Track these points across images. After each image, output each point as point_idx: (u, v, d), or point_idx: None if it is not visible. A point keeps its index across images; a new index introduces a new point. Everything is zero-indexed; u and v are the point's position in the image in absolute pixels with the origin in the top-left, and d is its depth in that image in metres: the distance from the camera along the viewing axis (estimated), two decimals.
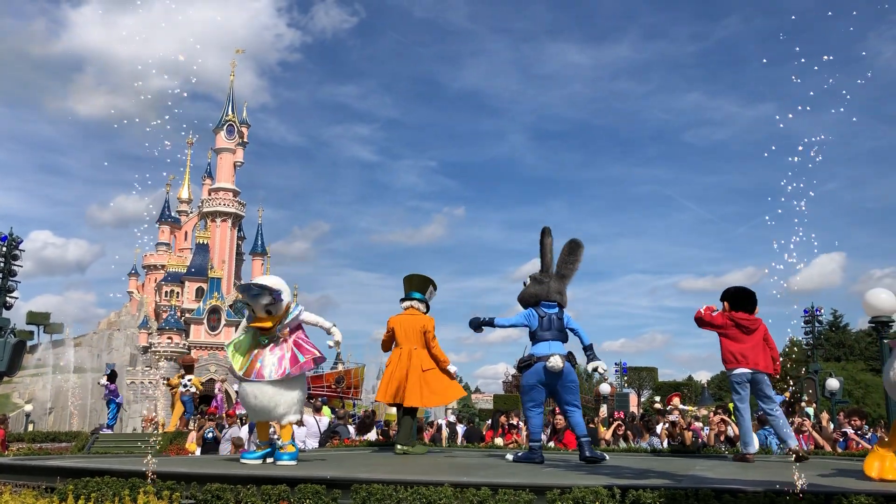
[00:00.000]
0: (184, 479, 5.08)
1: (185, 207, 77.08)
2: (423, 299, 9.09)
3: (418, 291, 9.10)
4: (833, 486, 4.56)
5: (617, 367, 46.36)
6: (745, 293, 7.88)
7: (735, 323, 7.65)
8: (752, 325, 7.68)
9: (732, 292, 7.88)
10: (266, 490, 4.66)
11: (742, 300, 7.80)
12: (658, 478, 5.31)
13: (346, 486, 4.70)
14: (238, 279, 71.94)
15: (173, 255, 72.62)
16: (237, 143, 70.88)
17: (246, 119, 73.17)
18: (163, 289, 69.46)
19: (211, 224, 69.45)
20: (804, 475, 4.05)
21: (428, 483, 4.49)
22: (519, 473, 5.80)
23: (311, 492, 4.59)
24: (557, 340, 7.38)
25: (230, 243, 70.57)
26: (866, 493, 4.04)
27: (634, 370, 62.89)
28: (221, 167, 70.42)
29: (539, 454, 7.31)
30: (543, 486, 4.46)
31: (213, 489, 4.77)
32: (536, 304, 7.52)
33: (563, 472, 6.17)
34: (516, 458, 7.46)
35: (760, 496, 4.05)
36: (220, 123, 70.46)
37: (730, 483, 4.71)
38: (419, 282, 9.19)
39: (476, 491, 4.34)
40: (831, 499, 4.02)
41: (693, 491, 4.16)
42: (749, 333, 7.64)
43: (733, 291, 7.89)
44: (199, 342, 64.66)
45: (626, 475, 5.53)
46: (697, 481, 4.91)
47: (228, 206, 69.70)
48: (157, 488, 4.82)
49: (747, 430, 7.85)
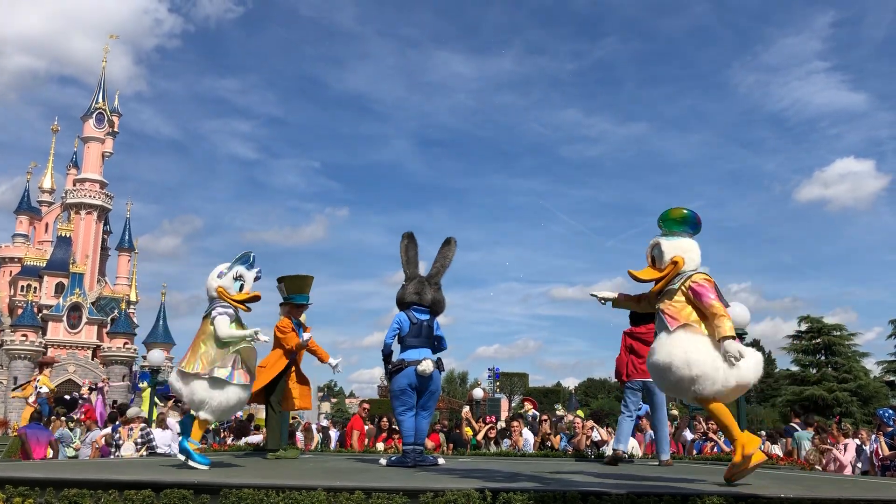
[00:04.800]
0: (38, 485, 4.80)
1: (48, 197, 72.69)
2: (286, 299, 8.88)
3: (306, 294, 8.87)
4: (690, 488, 4.83)
5: (490, 372, 47.26)
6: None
7: (634, 336, 8.32)
8: (648, 338, 8.18)
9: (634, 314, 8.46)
10: (129, 495, 4.47)
11: (639, 315, 8.22)
12: (528, 481, 5.44)
13: (214, 491, 4.58)
14: (102, 275, 68.63)
15: (32, 247, 68.35)
16: (107, 132, 67.58)
17: (117, 108, 69.90)
18: (18, 283, 65.23)
19: (75, 216, 65.85)
20: (664, 478, 4.27)
21: (300, 487, 4.44)
22: (392, 478, 5.81)
23: (178, 497, 4.44)
24: (427, 347, 7.47)
25: (95, 237, 67.14)
26: (718, 494, 4.30)
27: (506, 376, 64.28)
28: (88, 157, 66.96)
29: (412, 458, 7.36)
30: (416, 489, 4.50)
31: (71, 495, 4.53)
32: (408, 308, 7.55)
33: (435, 475, 6.22)
34: (390, 462, 7.48)
35: (623, 498, 4.23)
36: (88, 111, 66.97)
37: (595, 486, 4.90)
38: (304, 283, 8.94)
39: (349, 495, 4.32)
40: (687, 499, 4.25)
41: (561, 493, 4.31)
42: (648, 345, 8.13)
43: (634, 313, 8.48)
44: (58, 340, 61.08)
45: (497, 478, 5.64)
46: (565, 484, 5.07)
47: (94, 198, 66.29)
48: (7, 495, 4.53)
49: (625, 431, 8.32)
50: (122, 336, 63.46)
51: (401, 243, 7.76)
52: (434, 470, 6.96)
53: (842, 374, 43.55)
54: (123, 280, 71.21)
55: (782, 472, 7.90)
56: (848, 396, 41.64)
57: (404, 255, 7.71)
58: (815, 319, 46.24)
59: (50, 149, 72.97)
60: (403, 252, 7.71)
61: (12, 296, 65.98)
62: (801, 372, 46.49)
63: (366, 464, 7.97)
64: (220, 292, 6.69)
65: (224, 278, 6.75)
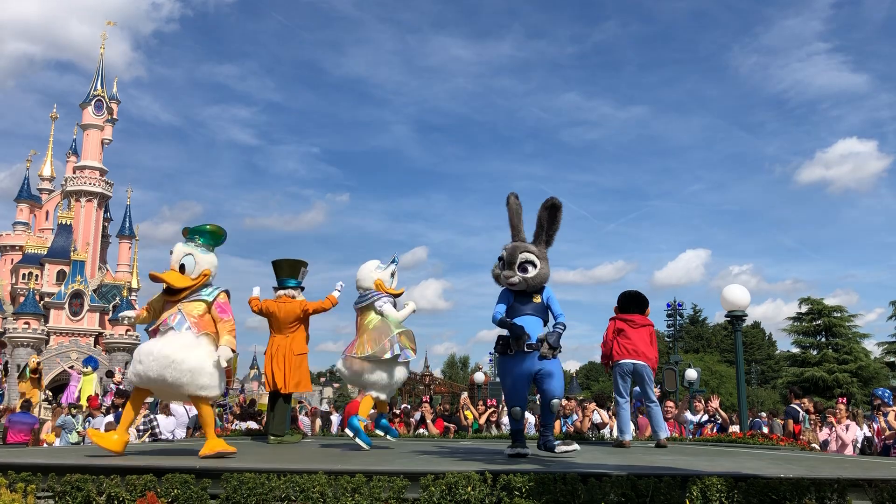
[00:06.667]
0: (40, 471, 4.82)
1: (48, 185, 72.50)
2: (297, 285, 8.93)
3: (292, 278, 8.91)
4: (689, 468, 4.84)
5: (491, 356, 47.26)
6: (631, 295, 8.68)
7: (623, 320, 8.42)
8: (637, 322, 8.41)
9: (620, 296, 8.72)
10: (131, 480, 4.49)
11: (629, 302, 8.58)
12: (528, 463, 5.47)
13: (216, 475, 4.59)
14: (103, 262, 68.61)
15: (32, 235, 68.24)
16: (106, 119, 67.25)
17: (116, 95, 69.58)
18: (20, 271, 65.23)
19: (75, 204, 65.70)
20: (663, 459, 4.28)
21: (301, 471, 4.45)
22: (393, 460, 5.83)
23: (180, 481, 4.45)
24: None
25: (95, 224, 67.01)
26: (717, 474, 4.32)
27: None
28: (88, 144, 66.69)
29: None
30: (417, 472, 4.52)
31: (74, 480, 4.55)
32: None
33: (436, 458, 6.25)
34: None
35: (623, 479, 4.25)
36: (87, 98, 66.62)
37: (595, 468, 4.93)
38: (290, 266, 8.98)
39: (350, 478, 4.33)
40: (687, 480, 4.27)
41: (561, 475, 4.32)
42: (635, 328, 8.20)
43: (621, 295, 8.73)
44: (60, 328, 61.11)
45: (498, 461, 5.67)
46: (565, 466, 5.09)
47: (94, 186, 66.08)
48: (10, 480, 4.55)
49: (625, 418, 8.44)
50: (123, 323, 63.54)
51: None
52: (434, 452, 6.99)
53: (842, 355, 43.63)
54: (124, 267, 71.15)
55: (781, 452, 7.94)
56: (848, 377, 41.74)
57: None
58: (816, 301, 46.28)
59: (49, 136, 72.75)
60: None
61: (14, 284, 66.04)
62: (801, 354, 46.58)
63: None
64: (378, 284, 7.71)
65: (383, 272, 7.81)
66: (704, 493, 4.15)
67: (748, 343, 63.86)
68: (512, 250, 6.37)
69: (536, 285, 6.36)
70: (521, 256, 6.31)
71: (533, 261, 6.32)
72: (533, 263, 6.32)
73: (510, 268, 6.28)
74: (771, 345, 74.77)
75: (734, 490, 4.17)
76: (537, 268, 6.32)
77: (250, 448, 7.82)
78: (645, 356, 8.24)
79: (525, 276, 6.28)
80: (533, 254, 6.35)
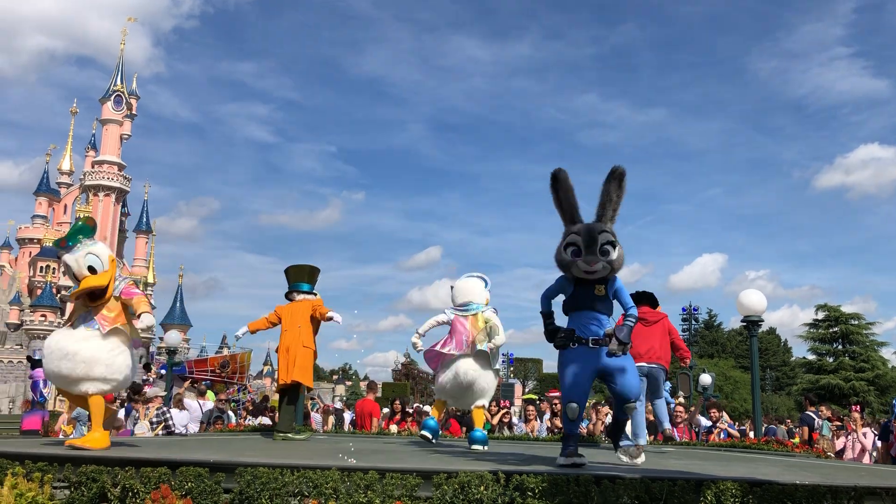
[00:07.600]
0: (56, 461, 4.86)
1: (66, 179, 73.19)
2: (310, 290, 8.96)
3: (307, 283, 8.95)
4: (702, 472, 4.82)
5: (504, 357, 47.17)
6: (643, 293, 8.60)
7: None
8: (650, 318, 8.28)
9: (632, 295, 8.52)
10: (146, 472, 4.51)
11: (640, 296, 8.40)
12: (541, 464, 5.45)
13: (230, 469, 4.61)
14: (120, 257, 69.08)
15: (51, 228, 68.89)
16: (125, 114, 67.77)
17: (135, 90, 70.07)
18: (38, 264, 65.87)
19: (93, 198, 66.24)
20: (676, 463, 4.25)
21: (315, 467, 4.46)
22: (406, 459, 5.83)
23: (194, 475, 4.47)
24: None
25: (113, 219, 67.52)
26: (732, 479, 4.29)
27: (521, 361, 64.12)
28: (107, 139, 67.22)
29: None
30: (430, 470, 4.51)
31: (89, 471, 4.58)
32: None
33: (450, 457, 6.25)
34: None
35: (637, 482, 4.23)
36: (107, 93, 67.16)
37: (609, 470, 4.91)
38: (307, 273, 9.03)
39: (363, 475, 4.34)
40: (701, 484, 4.24)
41: (574, 477, 4.31)
42: (647, 325, 8.10)
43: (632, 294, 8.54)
44: None
45: (511, 461, 5.66)
46: (579, 468, 5.07)
47: (113, 181, 66.62)
48: (27, 470, 4.59)
49: (639, 422, 8.26)
50: None
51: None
52: (448, 452, 6.98)
53: (859, 363, 43.22)
54: (141, 262, 71.72)
55: (796, 459, 7.88)
56: (865, 386, 41.35)
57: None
58: (833, 308, 45.89)
59: (69, 131, 73.37)
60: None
61: (32, 276, 66.68)
62: (817, 361, 46.21)
63: (381, 444, 8.01)
64: (486, 301, 7.86)
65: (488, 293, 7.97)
66: (719, 498, 4.13)
67: (763, 349, 63.42)
68: (588, 231, 5.37)
69: (617, 270, 5.51)
70: (601, 237, 5.34)
71: (613, 241, 5.39)
72: (613, 245, 5.39)
73: (590, 252, 5.31)
74: (786, 351, 74.22)
75: (749, 495, 4.14)
76: (616, 249, 5.41)
77: (264, 443, 7.85)
78: (659, 356, 8.12)
79: (609, 259, 5.37)
80: (611, 233, 5.41)
